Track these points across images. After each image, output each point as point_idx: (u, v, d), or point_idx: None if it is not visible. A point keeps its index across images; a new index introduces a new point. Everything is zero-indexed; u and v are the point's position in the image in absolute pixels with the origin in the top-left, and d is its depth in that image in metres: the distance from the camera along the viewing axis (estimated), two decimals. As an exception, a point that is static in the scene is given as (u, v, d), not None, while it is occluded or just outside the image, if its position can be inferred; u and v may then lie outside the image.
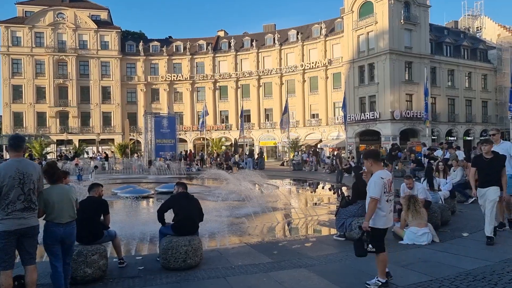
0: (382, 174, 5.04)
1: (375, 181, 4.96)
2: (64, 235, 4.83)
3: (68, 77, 53.96)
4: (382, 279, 5.06)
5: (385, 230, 5.18)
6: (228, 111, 56.61)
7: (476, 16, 57.36)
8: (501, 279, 5.23)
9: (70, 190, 5.08)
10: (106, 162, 36.76)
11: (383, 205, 5.00)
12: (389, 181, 5.08)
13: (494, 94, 49.72)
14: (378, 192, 4.92)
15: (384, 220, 5.04)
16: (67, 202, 4.89)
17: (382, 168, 5.23)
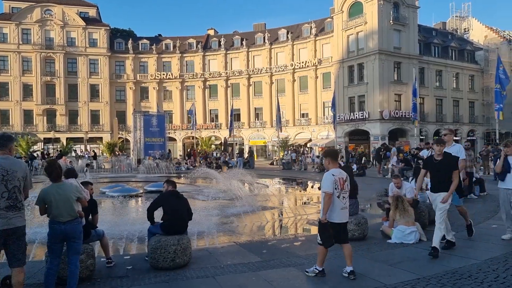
0: (334, 172, 5.42)
1: (326, 177, 5.38)
2: (65, 233, 4.82)
3: (55, 74, 53.33)
4: (320, 267, 5.51)
5: (338, 225, 5.44)
6: (218, 110, 56.49)
7: (464, 18, 58.08)
8: (487, 277, 5.30)
9: (70, 189, 5.02)
10: (95, 160, 36.41)
11: (334, 201, 5.35)
12: (341, 178, 5.43)
13: (481, 94, 50.40)
14: (330, 187, 5.31)
15: (335, 214, 5.37)
16: (66, 201, 4.84)
17: (337, 167, 5.61)
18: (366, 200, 13.52)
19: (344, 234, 5.57)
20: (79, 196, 5.05)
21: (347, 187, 5.49)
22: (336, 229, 5.41)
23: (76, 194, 5.00)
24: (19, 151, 37.62)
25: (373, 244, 7.45)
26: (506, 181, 7.20)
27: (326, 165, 5.67)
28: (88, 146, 50.18)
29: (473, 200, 12.95)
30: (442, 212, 6.44)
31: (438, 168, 6.56)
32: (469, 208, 11.27)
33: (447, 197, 6.41)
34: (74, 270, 4.90)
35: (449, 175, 6.44)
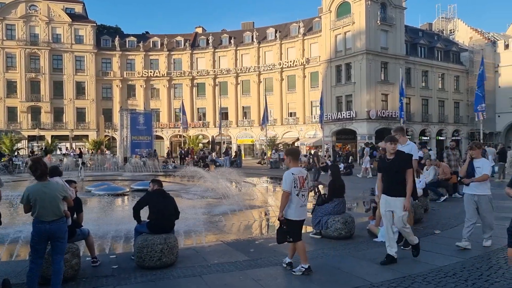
0: (293, 171, 5.55)
1: (286, 176, 5.50)
2: (50, 232, 4.74)
3: (40, 71, 52.52)
4: (305, 264, 5.53)
5: (299, 222, 5.58)
6: (205, 109, 56.28)
7: (450, 19, 58.81)
8: (471, 275, 5.37)
9: (56, 188, 4.93)
10: (80, 159, 35.96)
11: (293, 199, 5.46)
12: (301, 177, 5.55)
13: (465, 95, 51.13)
14: (289, 186, 5.44)
15: (295, 212, 5.48)
16: (51, 200, 4.76)
17: (298, 166, 5.76)
18: (353, 199, 13.61)
19: (300, 231, 5.73)
20: (65, 195, 4.97)
21: (307, 185, 5.64)
22: (294, 226, 5.52)
23: (62, 193, 4.92)
24: (3, 149, 36.97)
25: (360, 242, 7.50)
26: (471, 185, 6.75)
27: (287, 163, 5.83)
28: (73, 144, 49.59)
29: (458, 199, 13.11)
30: (402, 218, 5.91)
31: (391, 167, 5.96)
32: (454, 207, 11.49)
33: (408, 203, 5.86)
34: (58, 270, 4.82)
35: (403, 176, 5.86)
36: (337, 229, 7.66)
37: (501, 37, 54.92)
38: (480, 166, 6.66)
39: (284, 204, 5.48)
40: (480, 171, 6.61)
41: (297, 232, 5.57)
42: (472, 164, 6.74)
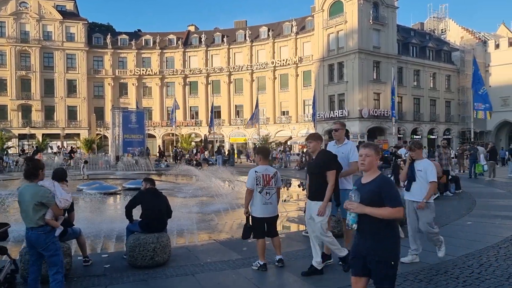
0: (257, 169, 5.64)
1: (249, 174, 5.61)
2: (29, 240, 4.47)
3: (31, 69, 52.03)
4: (261, 261, 5.70)
5: (263, 219, 5.63)
6: (198, 107, 56.15)
7: (441, 19, 59.22)
8: (462, 272, 5.42)
9: (32, 192, 4.46)
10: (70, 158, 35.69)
11: (256, 196, 5.57)
12: (266, 175, 5.63)
13: (457, 94, 51.57)
14: (251, 183, 5.55)
15: (259, 209, 5.57)
16: (27, 204, 4.40)
17: (266, 164, 5.84)
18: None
19: (272, 228, 5.78)
20: (43, 201, 4.41)
21: (274, 183, 5.67)
22: (261, 223, 5.60)
23: (37, 198, 4.39)
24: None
25: (352, 240, 7.51)
26: (412, 191, 6.09)
27: (257, 161, 5.90)
28: (65, 143, 49.18)
29: (449, 198, 13.24)
30: (321, 225, 5.30)
31: (312, 168, 5.52)
32: (445, 205, 11.58)
33: (323, 208, 5.23)
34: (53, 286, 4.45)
35: (325, 178, 5.29)
36: (329, 228, 7.66)
37: (492, 37, 55.45)
38: (421, 169, 5.98)
39: (247, 200, 5.63)
40: (421, 174, 5.95)
41: (260, 229, 5.63)
42: (413, 166, 6.08)
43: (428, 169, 5.93)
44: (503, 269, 5.53)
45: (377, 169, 3.51)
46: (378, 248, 3.27)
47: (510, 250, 6.49)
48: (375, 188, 3.35)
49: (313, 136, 5.74)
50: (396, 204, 3.27)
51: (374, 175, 3.48)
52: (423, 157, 6.20)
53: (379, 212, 3.26)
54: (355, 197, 3.35)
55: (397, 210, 3.27)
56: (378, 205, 3.28)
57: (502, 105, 47.68)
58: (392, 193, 3.33)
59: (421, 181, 5.96)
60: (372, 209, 3.27)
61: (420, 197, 5.94)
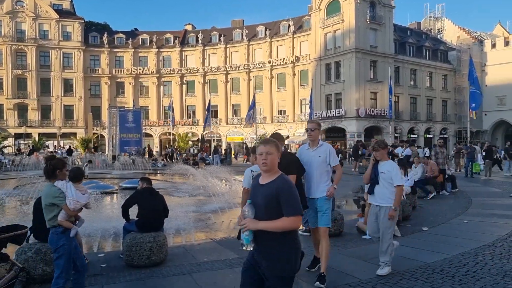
0: (253, 168, 5.50)
1: (245, 173, 5.49)
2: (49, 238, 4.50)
3: (27, 68, 51.80)
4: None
5: None
6: (195, 106, 56.08)
7: (438, 18, 59.36)
8: (458, 271, 5.44)
9: (45, 192, 4.46)
10: (69, 157, 35.60)
11: None
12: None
13: (453, 94, 51.72)
14: (247, 183, 5.35)
15: None
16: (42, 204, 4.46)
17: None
18: (342, 196, 13.69)
19: None
20: (53, 202, 4.39)
21: None
22: None
23: (48, 199, 4.39)
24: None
25: (349, 240, 7.55)
26: (375, 195, 5.64)
27: (252, 160, 5.88)
28: (61, 142, 49.00)
29: (445, 197, 13.30)
30: None
31: None
32: (441, 204, 11.64)
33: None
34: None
35: None
36: (326, 227, 7.67)
37: (488, 36, 55.65)
38: (385, 171, 5.51)
39: (244, 200, 5.49)
40: (385, 177, 5.49)
41: None
42: (377, 168, 5.62)
43: (392, 172, 5.45)
44: (498, 267, 5.56)
45: (278, 169, 3.07)
46: (272, 261, 2.91)
47: (506, 249, 6.53)
48: (273, 191, 2.91)
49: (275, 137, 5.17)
50: (293, 212, 2.85)
51: (274, 175, 3.03)
52: (387, 158, 5.75)
53: (275, 225, 2.86)
54: (249, 212, 2.93)
55: (293, 220, 2.86)
56: (275, 211, 2.88)
57: (498, 104, 47.90)
58: (291, 199, 2.89)
59: (384, 184, 5.50)
60: (266, 224, 2.87)
61: (383, 201, 5.50)
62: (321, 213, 5.26)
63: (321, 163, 5.23)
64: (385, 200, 5.50)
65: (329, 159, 5.26)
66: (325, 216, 5.27)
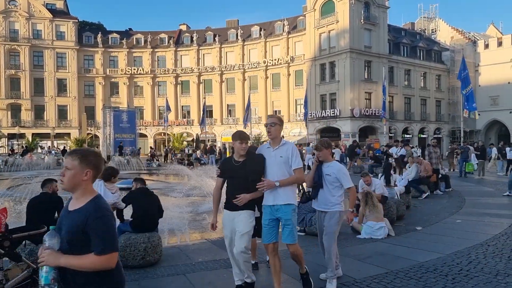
0: None
1: None
2: None
3: (20, 68, 51.47)
4: (252, 260, 5.45)
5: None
6: (190, 106, 55.99)
7: (431, 19, 59.64)
8: (451, 270, 5.48)
9: None
10: (63, 157, 35.45)
11: None
12: None
13: (447, 94, 52.00)
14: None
15: None
16: None
17: None
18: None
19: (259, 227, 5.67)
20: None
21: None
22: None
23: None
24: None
25: (343, 239, 7.57)
26: (319, 199, 5.15)
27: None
28: (55, 142, 48.77)
29: (439, 196, 13.38)
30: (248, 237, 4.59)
31: (237, 173, 4.55)
32: (435, 203, 11.70)
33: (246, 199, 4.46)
34: None
35: (250, 185, 4.46)
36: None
37: (481, 37, 56.01)
38: (330, 173, 5.03)
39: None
40: (330, 179, 5.01)
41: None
42: (321, 170, 5.12)
43: (339, 174, 4.99)
44: (491, 266, 5.61)
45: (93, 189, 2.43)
46: None
47: (499, 248, 6.58)
48: (79, 221, 2.25)
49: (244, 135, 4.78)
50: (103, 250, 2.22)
51: (84, 199, 2.35)
52: (332, 159, 5.25)
53: (81, 263, 2.23)
54: (51, 241, 2.26)
55: (106, 260, 2.24)
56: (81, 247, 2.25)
57: (491, 104, 48.21)
58: (102, 231, 2.24)
59: (328, 188, 5.02)
60: (70, 260, 2.23)
61: (327, 206, 5.02)
62: (284, 225, 4.46)
63: (282, 164, 4.52)
64: (329, 205, 5.02)
65: (291, 160, 4.53)
66: (288, 231, 4.46)
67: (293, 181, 4.53)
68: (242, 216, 4.55)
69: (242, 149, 4.56)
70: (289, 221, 4.45)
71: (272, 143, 4.66)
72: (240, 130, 4.85)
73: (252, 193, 4.45)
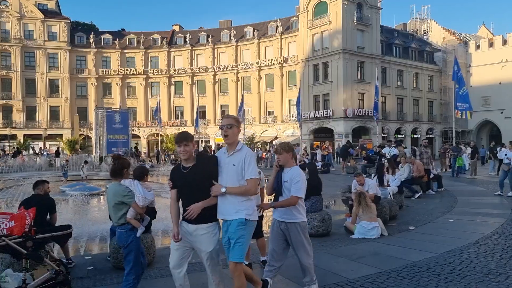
0: None
1: None
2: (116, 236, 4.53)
3: (12, 68, 51.01)
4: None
5: None
6: (183, 107, 55.86)
7: (424, 20, 60.06)
8: (444, 269, 5.51)
9: (113, 191, 4.53)
10: (57, 158, 35.20)
11: None
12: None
13: (439, 94, 52.38)
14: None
15: None
16: (109, 202, 4.50)
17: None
18: (331, 196, 13.78)
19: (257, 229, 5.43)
20: (122, 200, 4.43)
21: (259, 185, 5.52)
22: None
23: (117, 198, 4.43)
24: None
25: (337, 239, 7.59)
26: (280, 209, 4.61)
27: None
28: (47, 143, 48.42)
29: (432, 196, 13.46)
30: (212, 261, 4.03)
31: (188, 180, 3.92)
32: (428, 203, 11.78)
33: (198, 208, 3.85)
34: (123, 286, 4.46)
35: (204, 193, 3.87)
36: (314, 227, 7.73)
37: (473, 37, 56.53)
38: (288, 179, 4.51)
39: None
40: (288, 186, 4.48)
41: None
42: (281, 175, 4.62)
43: (293, 180, 4.43)
44: (483, 265, 5.65)
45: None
46: None
47: (490, 247, 6.63)
48: None
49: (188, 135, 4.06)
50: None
51: None
52: (293, 164, 4.67)
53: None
54: None
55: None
56: None
57: (483, 104, 48.60)
58: None
59: (287, 196, 4.50)
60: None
61: (287, 216, 4.50)
62: (232, 242, 3.86)
63: (234, 174, 3.86)
64: (290, 214, 4.48)
65: (244, 168, 3.85)
66: (236, 247, 3.85)
67: (241, 192, 3.82)
68: (202, 230, 3.94)
69: (182, 153, 3.92)
70: (239, 240, 3.83)
71: (229, 148, 4.00)
72: (181, 131, 4.12)
73: (204, 200, 3.84)
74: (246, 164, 3.86)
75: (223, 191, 3.80)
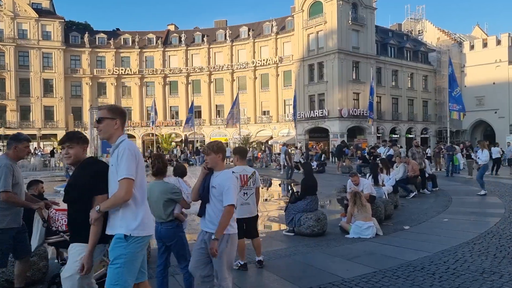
0: (235, 169, 5.37)
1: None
2: (160, 234, 4.59)
3: (5, 68, 50.66)
4: (241, 261, 5.70)
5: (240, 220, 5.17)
6: (178, 107, 55.74)
7: (418, 20, 60.30)
8: (438, 268, 5.54)
9: (161, 189, 4.53)
10: (52, 158, 35.01)
11: None
12: (244, 176, 5.56)
13: (433, 94, 52.63)
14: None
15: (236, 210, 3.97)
16: (156, 200, 4.49)
17: (244, 164, 5.71)
18: (326, 196, 13.80)
19: (252, 229, 5.70)
20: (172, 197, 4.53)
21: (252, 184, 5.61)
22: (239, 224, 4.47)
23: (167, 195, 4.51)
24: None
25: (332, 239, 7.61)
26: (206, 217, 3.95)
27: (234, 161, 5.83)
28: (41, 144, 48.14)
29: (427, 195, 13.51)
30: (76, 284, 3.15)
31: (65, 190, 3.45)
32: (422, 203, 11.82)
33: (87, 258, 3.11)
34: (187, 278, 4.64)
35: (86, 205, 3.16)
36: (309, 226, 7.74)
37: (467, 38, 56.84)
38: (216, 184, 3.88)
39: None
40: (215, 192, 3.85)
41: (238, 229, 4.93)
42: (209, 179, 3.96)
43: (224, 187, 3.79)
44: (477, 264, 5.68)
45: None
46: None
47: (484, 246, 6.67)
48: None
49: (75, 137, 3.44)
50: None
51: None
52: (223, 167, 4.06)
53: None
54: None
55: None
56: None
57: (477, 104, 48.89)
58: None
59: (215, 204, 3.87)
60: None
61: (214, 226, 3.80)
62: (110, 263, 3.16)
63: (114, 177, 3.14)
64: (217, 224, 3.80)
65: (118, 168, 3.09)
66: (111, 270, 3.10)
67: (112, 202, 3.08)
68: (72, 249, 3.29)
69: (65, 156, 3.35)
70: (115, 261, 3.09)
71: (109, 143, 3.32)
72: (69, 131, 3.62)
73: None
74: (120, 161, 3.08)
75: (97, 211, 3.08)
